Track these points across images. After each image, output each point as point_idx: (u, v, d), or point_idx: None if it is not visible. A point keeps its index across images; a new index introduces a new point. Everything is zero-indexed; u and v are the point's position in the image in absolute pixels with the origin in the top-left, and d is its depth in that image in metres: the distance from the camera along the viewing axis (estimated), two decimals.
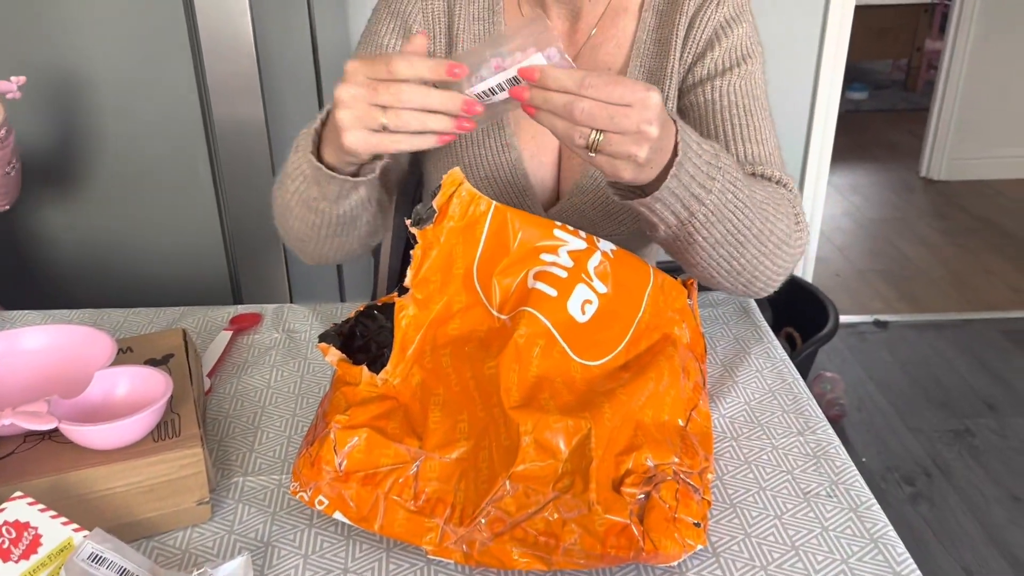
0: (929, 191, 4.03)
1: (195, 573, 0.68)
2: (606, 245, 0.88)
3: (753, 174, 1.00)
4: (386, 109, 0.76)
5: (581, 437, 0.73)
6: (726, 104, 1.05)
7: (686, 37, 1.07)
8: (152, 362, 0.91)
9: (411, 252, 0.81)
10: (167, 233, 1.97)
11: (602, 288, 0.84)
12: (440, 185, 0.80)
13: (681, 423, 0.82)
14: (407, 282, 0.80)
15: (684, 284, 0.95)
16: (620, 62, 1.10)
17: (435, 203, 0.80)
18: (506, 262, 0.82)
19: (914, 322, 2.93)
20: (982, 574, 1.90)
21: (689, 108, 1.08)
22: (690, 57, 1.07)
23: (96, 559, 0.68)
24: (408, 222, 0.81)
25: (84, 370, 0.84)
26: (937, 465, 2.26)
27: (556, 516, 0.70)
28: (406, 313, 0.80)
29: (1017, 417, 2.44)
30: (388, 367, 0.79)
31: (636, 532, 0.70)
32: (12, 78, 1.30)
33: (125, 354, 0.93)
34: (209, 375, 1.00)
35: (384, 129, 0.77)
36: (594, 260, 0.85)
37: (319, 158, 0.89)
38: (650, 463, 0.75)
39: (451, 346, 0.80)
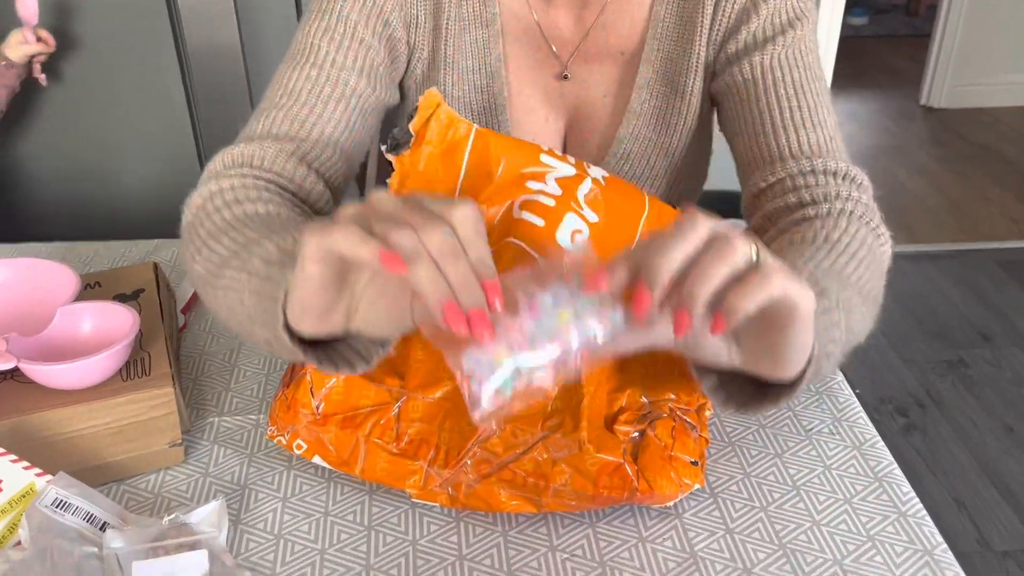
0: (929, 119, 3.95)
1: (166, 519, 0.65)
2: (597, 171, 0.82)
3: (812, 170, 0.82)
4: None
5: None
6: (771, 83, 0.85)
7: (715, 8, 0.89)
8: (121, 297, 0.86)
9: (388, 181, 0.75)
10: (141, 163, 1.90)
11: (593, 217, 0.79)
12: (416, 108, 0.74)
13: (678, 360, 0.78)
14: None
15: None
16: (633, 44, 0.93)
17: (412, 127, 0.75)
18: (490, 190, 0.77)
19: (910, 253, 2.89)
20: (974, 504, 1.91)
21: (726, 94, 0.90)
22: (720, 32, 0.89)
23: (60, 505, 0.64)
24: (384, 148, 0.75)
25: (46, 306, 0.79)
26: (930, 396, 2.25)
27: (545, 456, 0.67)
28: None
29: (1012, 347, 2.43)
30: None
31: (630, 471, 0.67)
32: None
33: (92, 289, 0.88)
34: (183, 311, 0.95)
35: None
36: (584, 187, 0.79)
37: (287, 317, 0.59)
38: (644, 400, 0.71)
39: None
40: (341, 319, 0.56)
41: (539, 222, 0.75)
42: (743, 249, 0.51)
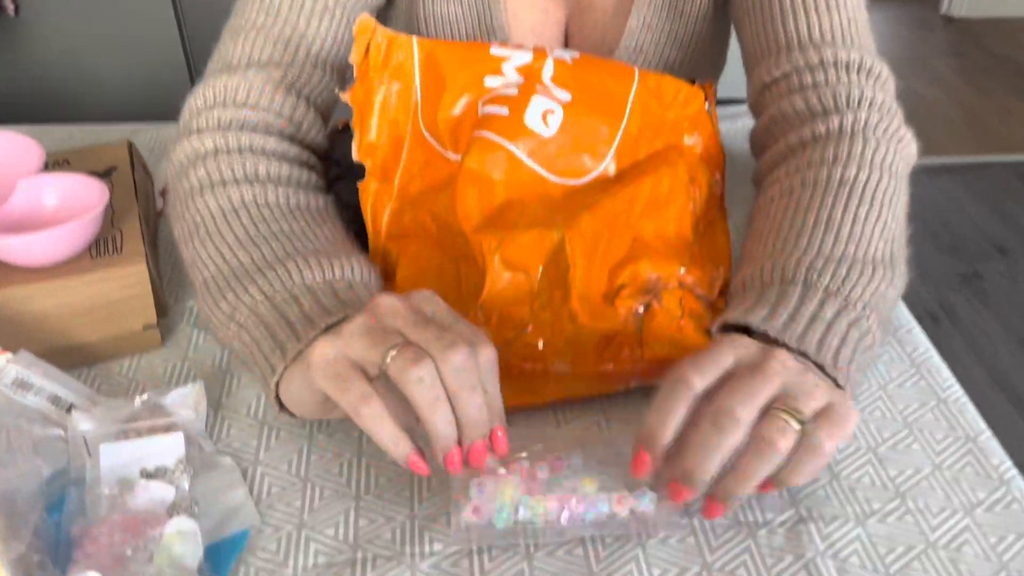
0: (948, 29, 3.79)
1: (138, 399, 0.60)
2: (564, 53, 0.74)
3: (821, 62, 0.73)
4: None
5: (554, 246, 0.62)
6: None
7: None
8: (92, 176, 0.79)
9: (351, 125, 0.69)
10: (121, 47, 1.79)
11: (564, 96, 0.71)
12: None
13: (691, 238, 0.72)
14: (355, 156, 0.68)
15: (701, 87, 0.82)
16: None
17: (352, 60, 0.68)
18: (446, 99, 0.70)
19: (927, 165, 2.79)
20: (988, 418, 1.87)
21: None
22: None
23: (21, 385, 0.58)
24: (337, 91, 0.70)
25: (7, 180, 0.72)
26: (944, 310, 2.19)
27: (540, 341, 0.61)
28: (369, 193, 0.68)
29: None
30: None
31: (633, 340, 0.61)
32: None
33: (60, 167, 0.81)
34: (163, 194, 0.88)
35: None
36: (547, 69, 0.72)
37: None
38: (651, 275, 0.65)
39: (414, 207, 0.69)
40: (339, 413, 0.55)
41: (503, 111, 0.68)
42: (785, 444, 0.50)
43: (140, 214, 0.75)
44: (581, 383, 0.61)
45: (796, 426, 0.50)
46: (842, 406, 0.51)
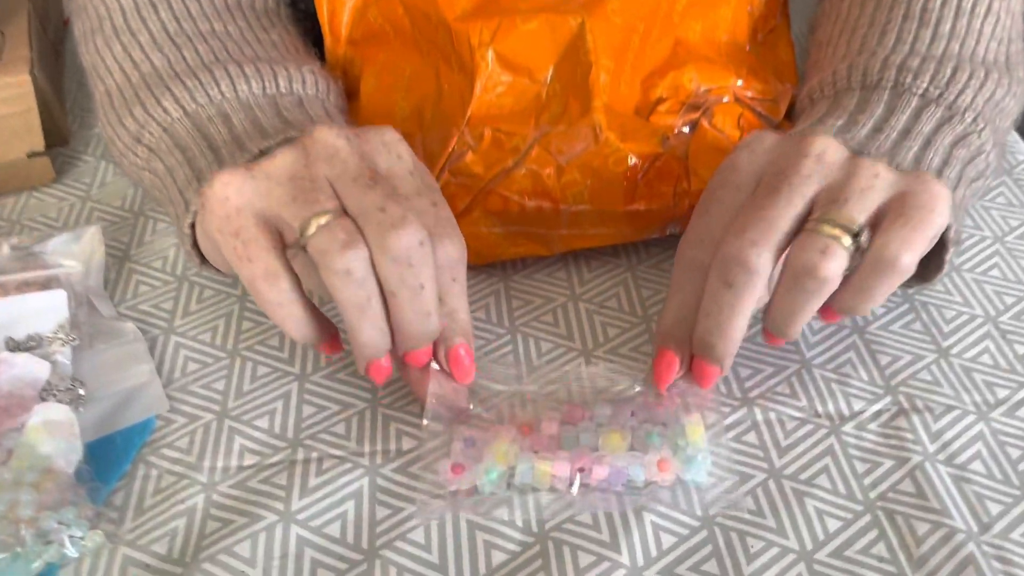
0: None
1: (5, 245, 0.44)
2: None
3: None
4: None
5: (569, 38, 0.45)
6: None
7: None
8: None
9: None
10: None
11: None
12: None
13: (748, 46, 0.54)
14: None
15: None
16: None
17: None
18: None
19: None
20: None
21: None
22: None
23: None
24: None
25: None
26: None
27: (548, 168, 0.45)
28: None
29: None
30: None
31: (676, 169, 0.45)
32: None
33: None
34: None
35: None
36: None
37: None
38: (698, 86, 0.48)
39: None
40: None
41: None
42: (830, 269, 0.36)
43: (31, 11, 0.58)
44: (603, 228, 0.46)
45: (847, 241, 0.36)
46: (922, 193, 0.36)
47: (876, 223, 0.36)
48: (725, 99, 0.48)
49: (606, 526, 0.36)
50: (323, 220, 0.35)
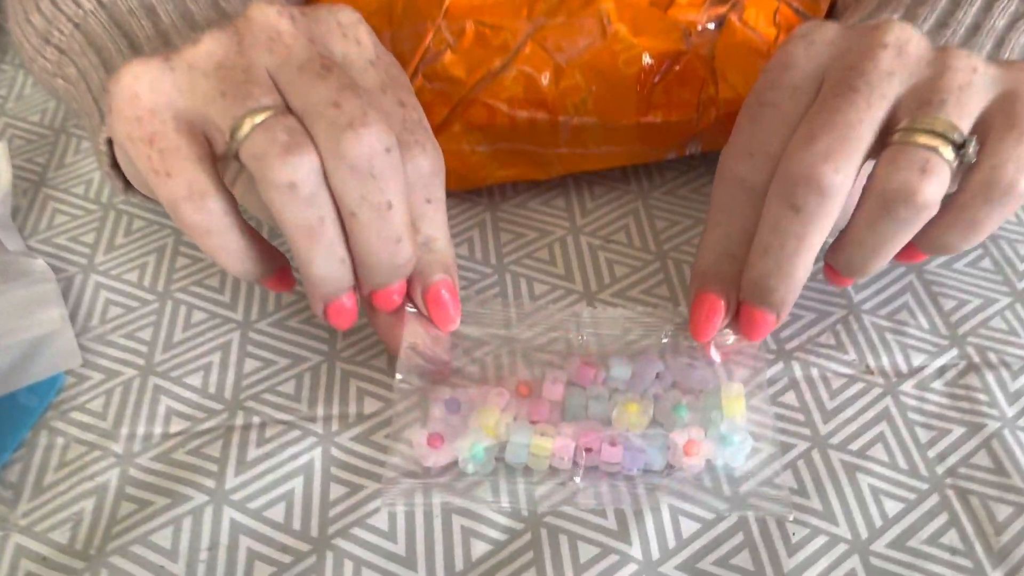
0: None
1: None
2: None
3: None
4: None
5: None
6: None
7: None
8: None
9: None
10: None
11: None
12: None
13: None
14: None
15: None
16: None
17: None
18: None
19: None
20: None
21: None
22: None
23: None
24: None
25: None
26: None
27: (545, 72, 0.36)
28: None
29: None
30: None
31: (700, 70, 0.37)
32: None
33: None
34: None
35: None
36: None
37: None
38: None
39: None
40: None
41: None
42: (930, 190, 0.27)
43: None
44: (610, 145, 0.38)
45: (949, 154, 0.28)
46: None
47: (981, 132, 0.28)
48: None
49: (612, 511, 0.29)
50: (259, 118, 0.27)
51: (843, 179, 0.28)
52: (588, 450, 0.30)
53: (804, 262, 0.29)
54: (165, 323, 0.35)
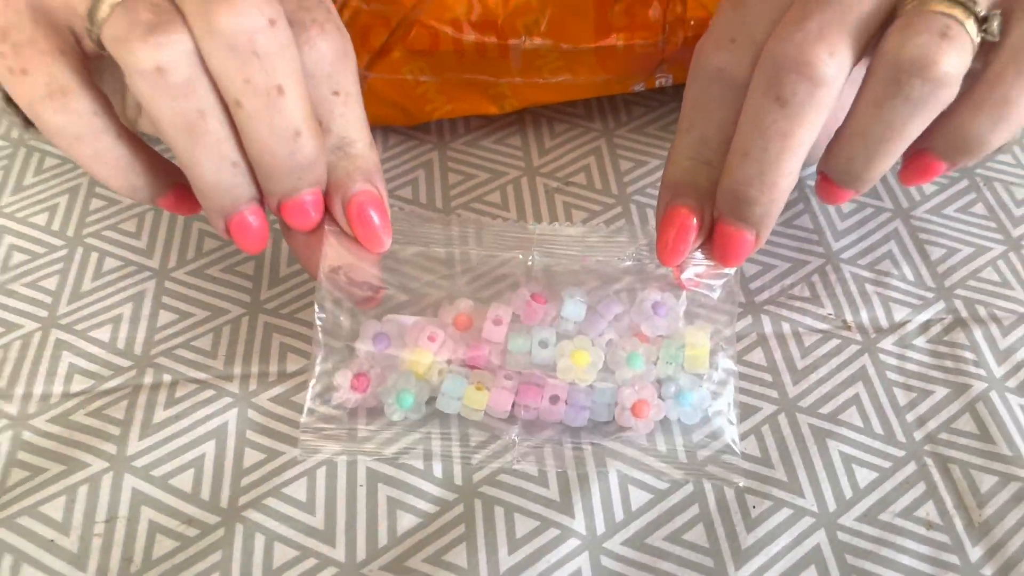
0: None
1: None
2: None
3: None
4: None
5: None
6: None
7: None
8: None
9: None
10: None
11: None
12: None
13: None
14: None
15: None
16: None
17: None
18: None
19: None
20: None
21: None
22: None
23: None
24: None
25: None
26: None
27: None
28: None
29: None
30: None
31: None
32: None
33: None
34: None
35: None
36: None
37: None
38: None
39: None
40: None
41: None
42: (951, 61, 0.23)
43: None
44: (568, 74, 0.34)
45: (971, 26, 0.23)
46: None
47: (1005, 9, 0.24)
48: None
49: (555, 479, 0.27)
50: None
51: (839, 65, 0.23)
52: (526, 407, 0.27)
53: (789, 167, 0.25)
54: (73, 271, 0.32)
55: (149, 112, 0.23)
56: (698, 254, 0.27)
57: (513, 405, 0.27)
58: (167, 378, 0.29)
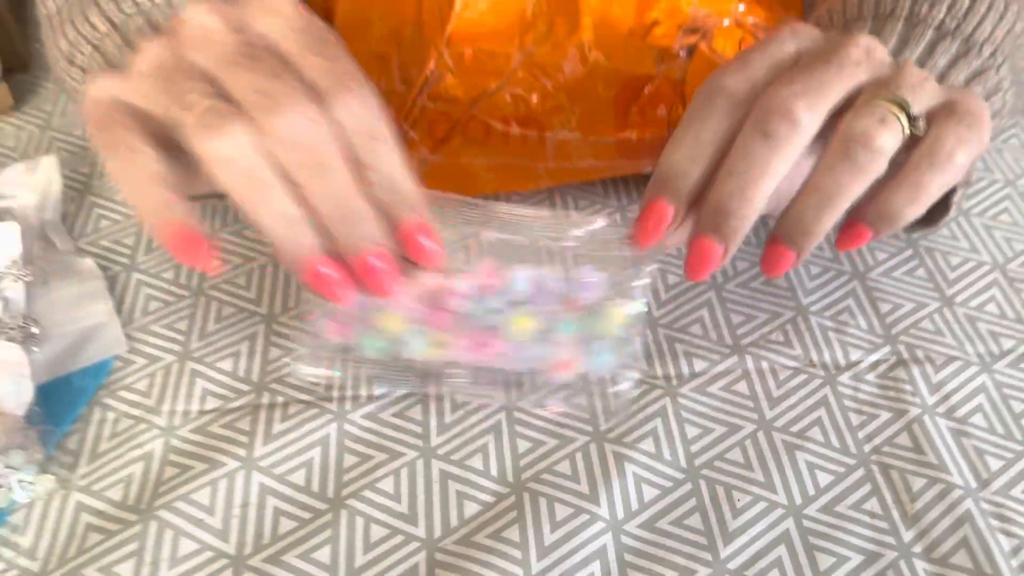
0: None
1: None
2: None
3: None
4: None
5: None
6: None
7: None
8: None
9: None
10: None
11: None
12: None
13: None
14: None
15: None
16: None
17: None
18: None
19: None
20: None
21: None
22: None
23: None
24: None
25: None
26: None
27: (534, 93, 0.42)
28: None
29: None
30: None
31: (672, 94, 0.42)
32: None
33: None
34: None
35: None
36: None
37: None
38: (696, 11, 0.45)
39: None
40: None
41: None
42: (886, 140, 0.32)
43: None
44: (593, 159, 0.43)
45: (904, 120, 0.32)
46: (971, 101, 0.33)
47: (928, 118, 0.33)
48: (726, 22, 0.44)
49: (585, 477, 0.34)
50: (198, 107, 0.30)
51: (811, 118, 0.31)
52: (476, 351, 0.34)
53: (763, 189, 0.32)
54: (199, 316, 0.40)
55: (223, 187, 0.29)
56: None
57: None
58: (280, 399, 0.37)
